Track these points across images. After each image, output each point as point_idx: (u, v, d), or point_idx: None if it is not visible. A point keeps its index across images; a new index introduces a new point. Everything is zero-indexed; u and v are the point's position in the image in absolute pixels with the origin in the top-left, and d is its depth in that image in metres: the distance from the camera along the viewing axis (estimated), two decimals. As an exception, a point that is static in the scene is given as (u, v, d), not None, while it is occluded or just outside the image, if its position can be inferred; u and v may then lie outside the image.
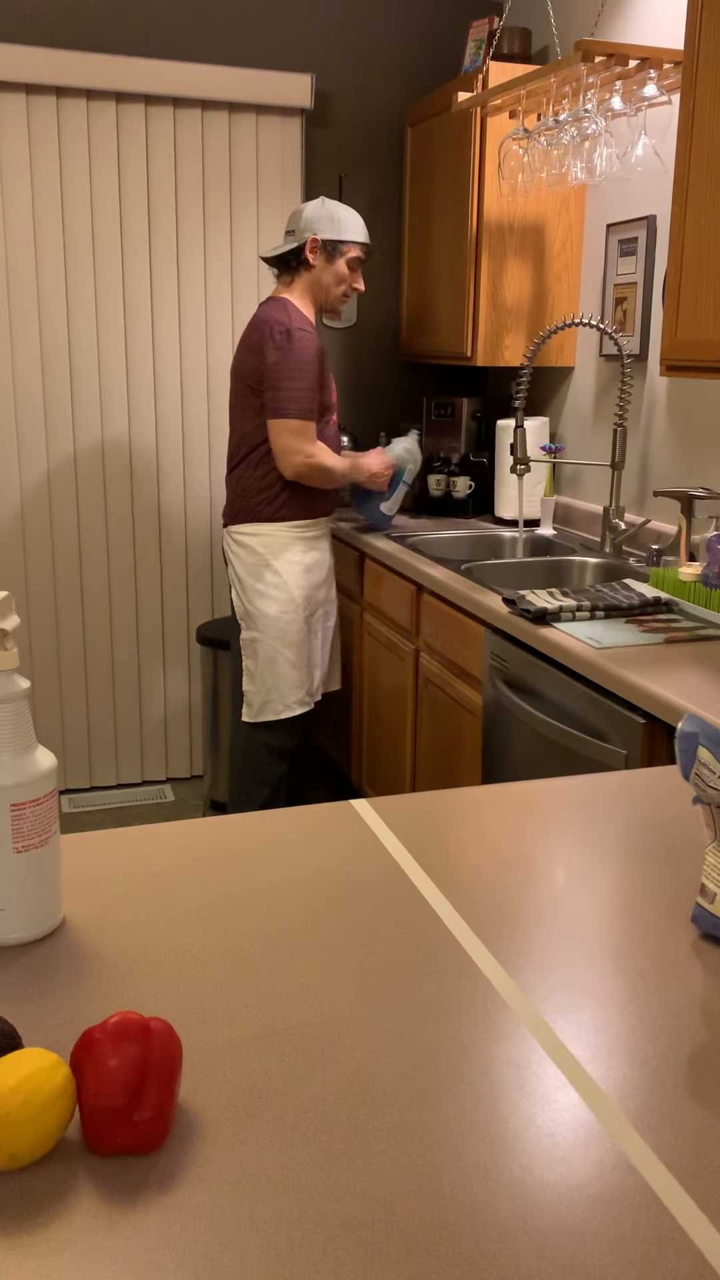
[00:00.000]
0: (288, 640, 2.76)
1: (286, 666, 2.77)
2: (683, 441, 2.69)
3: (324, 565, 2.84)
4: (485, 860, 1.10)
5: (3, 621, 0.88)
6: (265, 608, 2.76)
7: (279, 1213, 0.64)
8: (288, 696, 2.78)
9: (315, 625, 2.82)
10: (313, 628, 2.81)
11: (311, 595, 2.79)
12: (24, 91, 3.10)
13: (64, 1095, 0.67)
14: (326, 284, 2.71)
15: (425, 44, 3.48)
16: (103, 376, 3.34)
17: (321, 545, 2.83)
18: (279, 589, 2.74)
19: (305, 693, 2.81)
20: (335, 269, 2.69)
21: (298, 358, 2.60)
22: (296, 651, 2.77)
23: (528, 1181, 0.67)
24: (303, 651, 2.78)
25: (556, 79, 2.47)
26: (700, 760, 0.93)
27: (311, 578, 2.79)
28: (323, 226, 2.66)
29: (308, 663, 2.80)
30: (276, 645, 2.76)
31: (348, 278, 2.71)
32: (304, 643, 2.78)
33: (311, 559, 2.79)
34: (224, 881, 1.05)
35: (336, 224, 2.67)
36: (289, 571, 2.75)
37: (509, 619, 2.15)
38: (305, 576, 2.77)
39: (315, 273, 2.69)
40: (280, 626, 2.75)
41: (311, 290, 2.72)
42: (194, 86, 3.17)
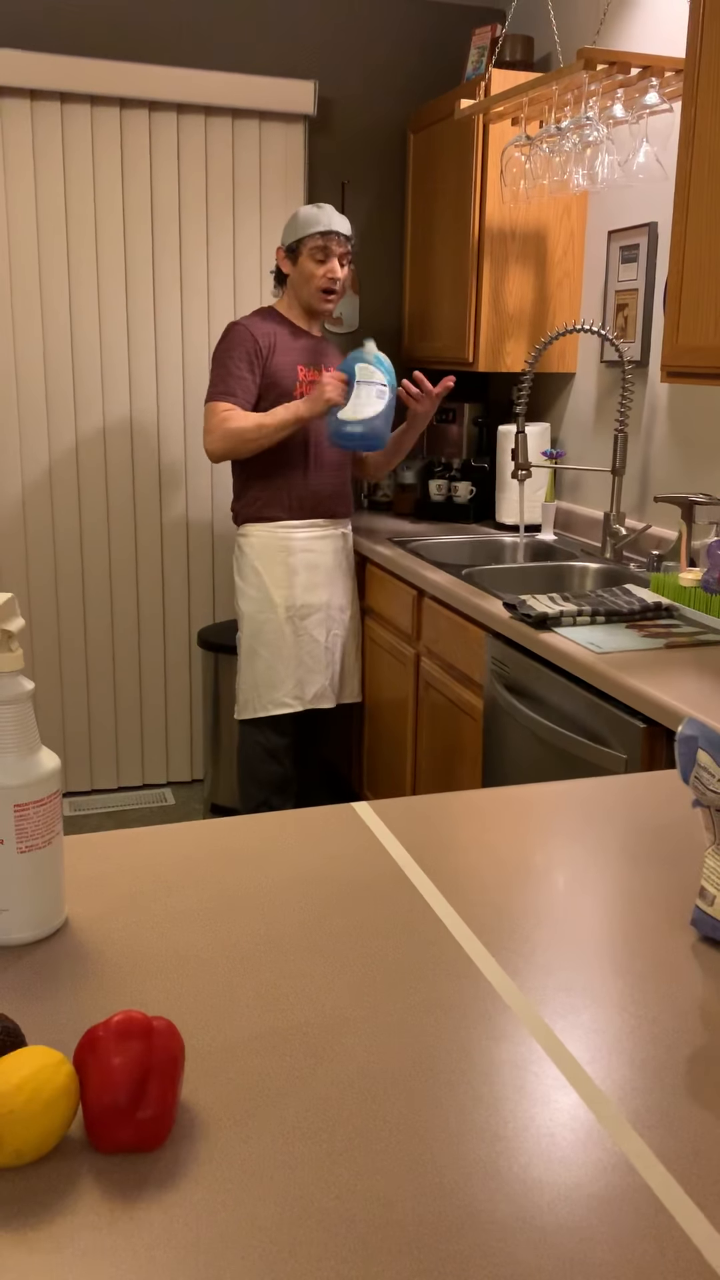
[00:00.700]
0: (263, 639, 2.77)
1: (262, 666, 2.78)
2: (683, 447, 2.70)
3: (320, 569, 2.79)
4: (486, 862, 1.11)
5: (7, 623, 0.89)
6: (244, 606, 2.80)
7: (280, 1211, 0.65)
8: (264, 695, 2.79)
9: (309, 629, 2.79)
10: (301, 630, 2.78)
11: (298, 598, 2.76)
12: (28, 97, 3.11)
13: (67, 1093, 0.68)
14: (298, 285, 2.73)
15: (428, 51, 3.49)
16: (105, 380, 3.35)
17: (320, 548, 2.79)
18: (257, 589, 2.76)
19: (286, 694, 2.79)
20: (300, 268, 2.70)
21: (221, 346, 2.68)
22: (273, 652, 2.77)
23: (527, 1181, 0.68)
24: (280, 652, 2.77)
25: (559, 87, 2.48)
26: (700, 764, 0.94)
27: (300, 580, 2.76)
28: (283, 236, 2.74)
29: (292, 664, 2.78)
30: (252, 643, 2.79)
31: (315, 271, 2.68)
32: (282, 644, 2.77)
33: (301, 561, 2.77)
34: (226, 882, 1.05)
35: (292, 226, 2.70)
36: (270, 572, 2.75)
37: (510, 624, 2.15)
38: (290, 579, 2.75)
39: (291, 278, 2.75)
40: (255, 625, 2.77)
41: (293, 294, 2.76)
42: (198, 93, 3.19)
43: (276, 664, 2.78)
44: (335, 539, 2.83)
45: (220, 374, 2.66)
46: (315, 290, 2.71)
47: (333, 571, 2.83)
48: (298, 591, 2.76)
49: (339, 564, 2.85)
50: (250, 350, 2.66)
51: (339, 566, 2.85)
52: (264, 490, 2.74)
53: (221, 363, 2.67)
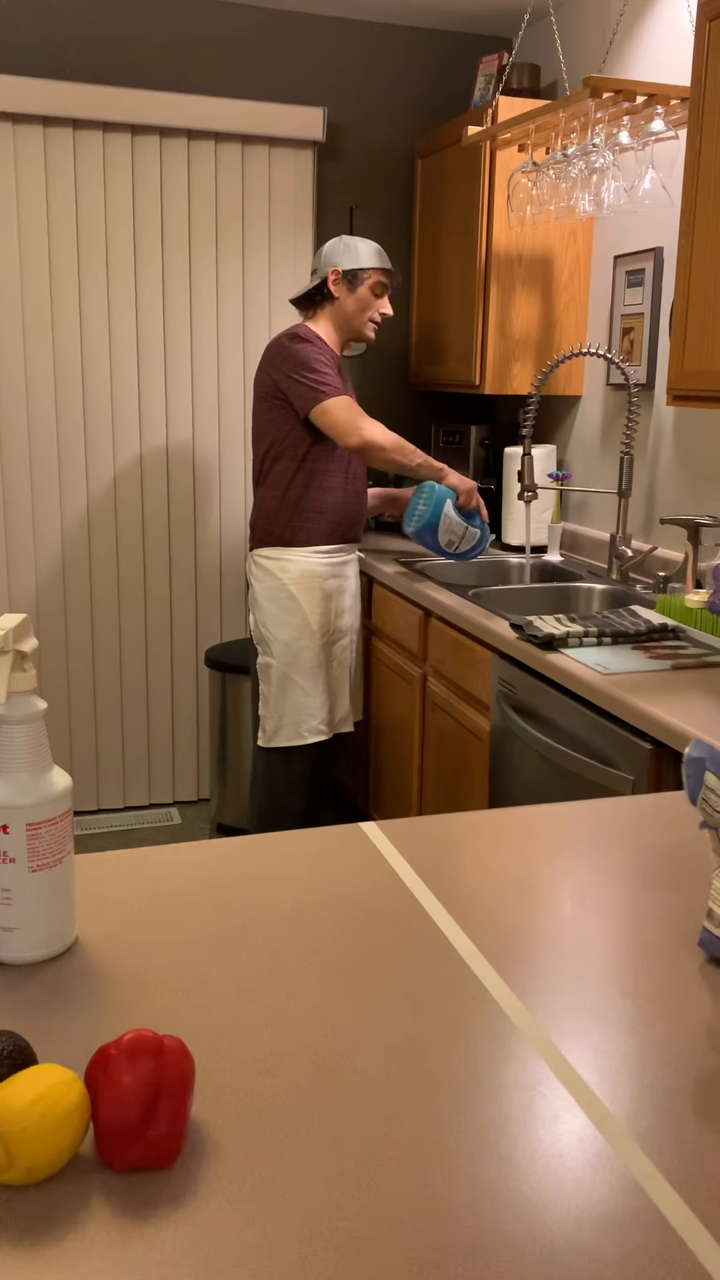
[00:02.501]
0: (299, 667, 2.73)
1: (299, 694, 2.74)
2: (689, 470, 2.71)
3: (347, 593, 2.81)
4: (493, 883, 1.11)
5: (21, 643, 0.90)
6: (279, 633, 2.74)
7: (290, 1230, 0.65)
8: (300, 724, 2.76)
9: (336, 654, 2.79)
10: (332, 656, 2.78)
11: (331, 623, 2.76)
12: (41, 124, 3.16)
13: (79, 1111, 0.68)
14: (350, 312, 2.74)
15: (436, 78, 3.53)
16: (115, 405, 3.38)
17: (346, 572, 2.81)
18: (294, 614, 2.72)
19: (320, 721, 2.78)
20: (358, 296, 2.73)
21: (310, 352, 2.64)
22: (309, 679, 2.74)
23: (536, 1201, 0.68)
24: (316, 680, 2.75)
25: (565, 114, 2.51)
26: (707, 785, 0.94)
27: (332, 605, 2.76)
28: (341, 259, 2.73)
29: (324, 691, 2.77)
30: (288, 672, 2.74)
31: (372, 303, 2.74)
32: (318, 671, 2.75)
33: (333, 586, 2.77)
34: (235, 903, 1.06)
35: (354, 254, 2.72)
36: (306, 598, 2.72)
37: (516, 644, 2.16)
38: (324, 604, 2.74)
39: (339, 304, 2.74)
40: (293, 653, 2.73)
41: (335, 320, 2.75)
42: (208, 119, 3.23)
43: (313, 692, 2.75)
44: (355, 563, 2.87)
45: (326, 375, 2.62)
46: (367, 321, 2.76)
47: (356, 595, 2.86)
48: (332, 618, 2.77)
49: (357, 588, 2.88)
50: (330, 359, 2.67)
51: (357, 591, 2.87)
52: (303, 515, 2.73)
53: (312, 366, 2.62)
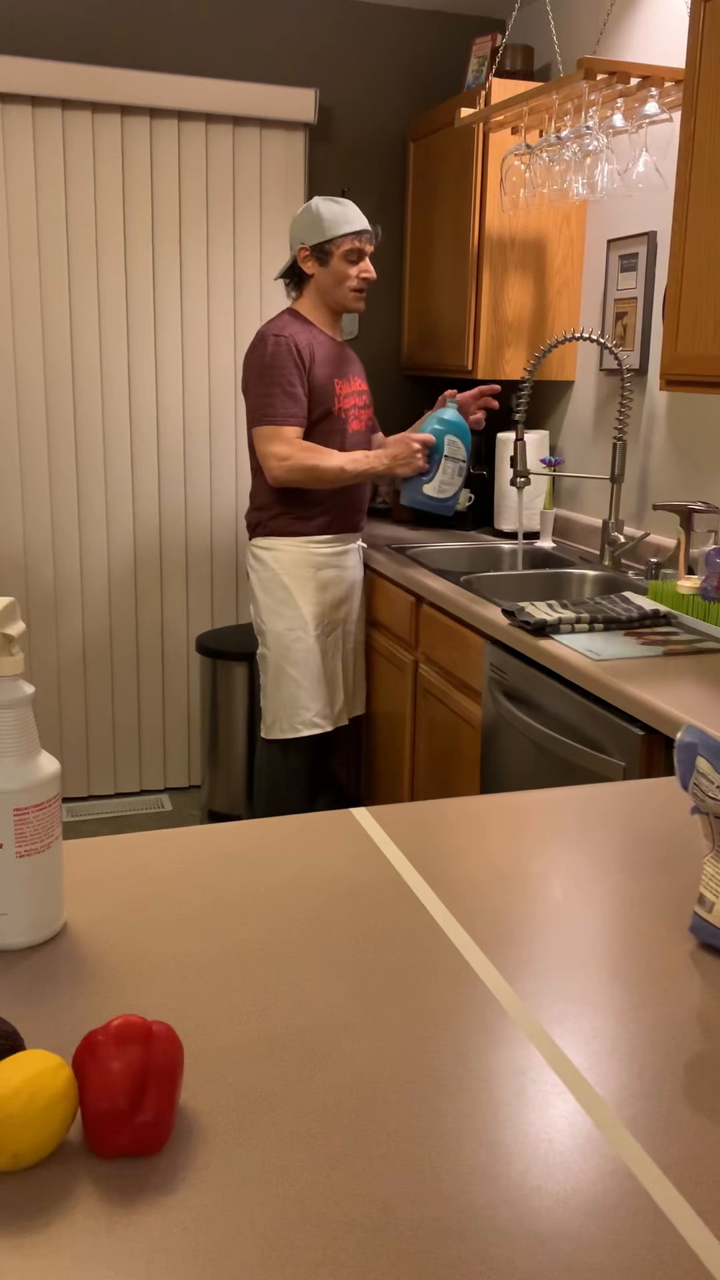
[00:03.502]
0: (293, 659, 2.69)
1: (292, 685, 2.70)
2: (682, 456, 2.71)
3: (344, 583, 2.75)
4: (484, 869, 1.11)
5: (8, 627, 0.89)
6: (273, 624, 2.70)
7: (279, 1215, 0.65)
8: (295, 716, 2.72)
9: (333, 645, 2.75)
10: (328, 648, 2.74)
11: (327, 615, 2.72)
12: (30, 104, 3.12)
13: (66, 1097, 0.68)
14: (328, 286, 2.63)
15: (428, 60, 3.51)
16: (105, 386, 3.36)
17: (343, 562, 2.75)
18: (287, 605, 2.68)
19: (316, 714, 2.73)
20: (332, 269, 2.60)
21: (266, 363, 2.55)
22: (303, 671, 2.70)
23: (525, 1186, 0.68)
24: (311, 671, 2.70)
25: (559, 96, 2.49)
26: (699, 770, 0.94)
27: (327, 596, 2.71)
28: (307, 233, 2.60)
29: (321, 682, 2.72)
30: (281, 663, 2.71)
31: (349, 272, 2.60)
32: (313, 662, 2.70)
33: (329, 576, 2.71)
34: (224, 888, 1.05)
35: (319, 225, 2.57)
36: (300, 589, 2.68)
37: (508, 631, 2.15)
38: (319, 594, 2.70)
39: (316, 279, 2.63)
40: (285, 644, 2.69)
41: (318, 296, 2.66)
42: (199, 100, 3.20)
43: (308, 684, 2.71)
44: (355, 552, 2.81)
45: (275, 392, 2.54)
46: (349, 291, 2.63)
47: (354, 586, 2.80)
48: (327, 609, 2.72)
49: (358, 579, 2.82)
50: (297, 364, 2.55)
51: (358, 581, 2.82)
52: (296, 505, 2.66)
53: (273, 378, 2.54)
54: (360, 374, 2.76)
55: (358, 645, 2.87)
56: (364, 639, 2.94)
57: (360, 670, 2.92)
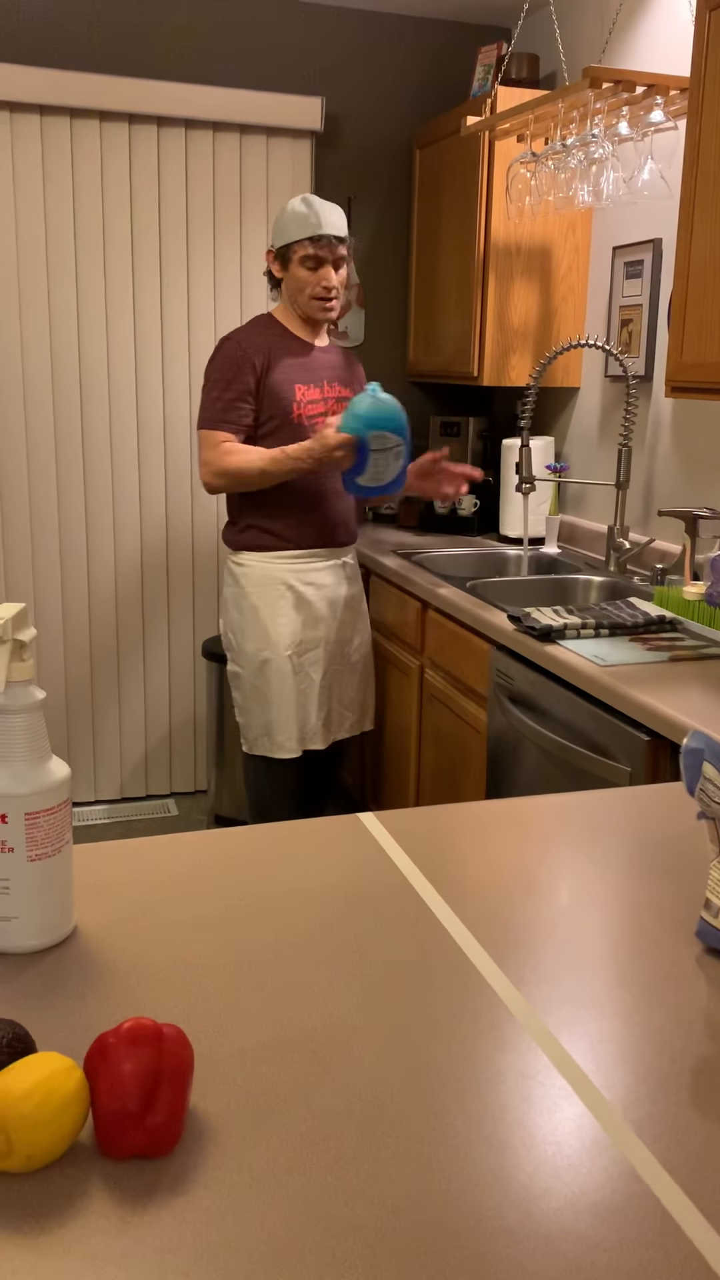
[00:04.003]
0: (266, 679, 2.55)
1: (265, 706, 2.56)
2: (687, 462, 2.71)
3: (323, 601, 2.56)
4: (491, 874, 1.11)
5: (20, 633, 0.90)
6: (244, 643, 2.56)
7: (288, 1216, 0.65)
8: (270, 737, 2.58)
9: (305, 667, 2.56)
10: (304, 667, 2.56)
11: (300, 635, 2.54)
12: (38, 113, 3.14)
13: (78, 1098, 0.68)
14: (292, 292, 2.48)
15: (434, 68, 3.52)
16: (112, 393, 3.37)
17: (320, 579, 2.56)
18: (256, 625, 2.54)
19: (289, 738, 2.56)
20: (292, 274, 2.45)
21: (210, 368, 2.46)
22: (277, 692, 2.54)
23: (533, 1189, 0.68)
24: (284, 693, 2.54)
25: (564, 104, 2.50)
26: (705, 776, 0.94)
27: (300, 616, 2.54)
28: (274, 234, 2.48)
29: (294, 705, 2.55)
30: (254, 683, 2.57)
31: (307, 280, 2.43)
32: (286, 684, 2.54)
33: (300, 595, 2.54)
34: (233, 892, 1.06)
35: (280, 227, 2.45)
36: (269, 608, 2.52)
37: (514, 636, 2.16)
38: (291, 613, 2.53)
39: (285, 283, 2.50)
40: (256, 664, 2.55)
41: (289, 300, 2.51)
42: (206, 108, 3.22)
43: (281, 706, 2.55)
44: (336, 569, 2.60)
45: (213, 397, 2.44)
46: (309, 299, 2.46)
47: (334, 604, 2.60)
48: (300, 629, 2.54)
49: (341, 596, 2.61)
50: (244, 369, 2.42)
51: (341, 599, 2.61)
52: (263, 517, 2.52)
53: (214, 383, 2.45)
54: (342, 381, 2.57)
55: (352, 664, 2.67)
56: (369, 656, 2.75)
57: (364, 688, 2.74)
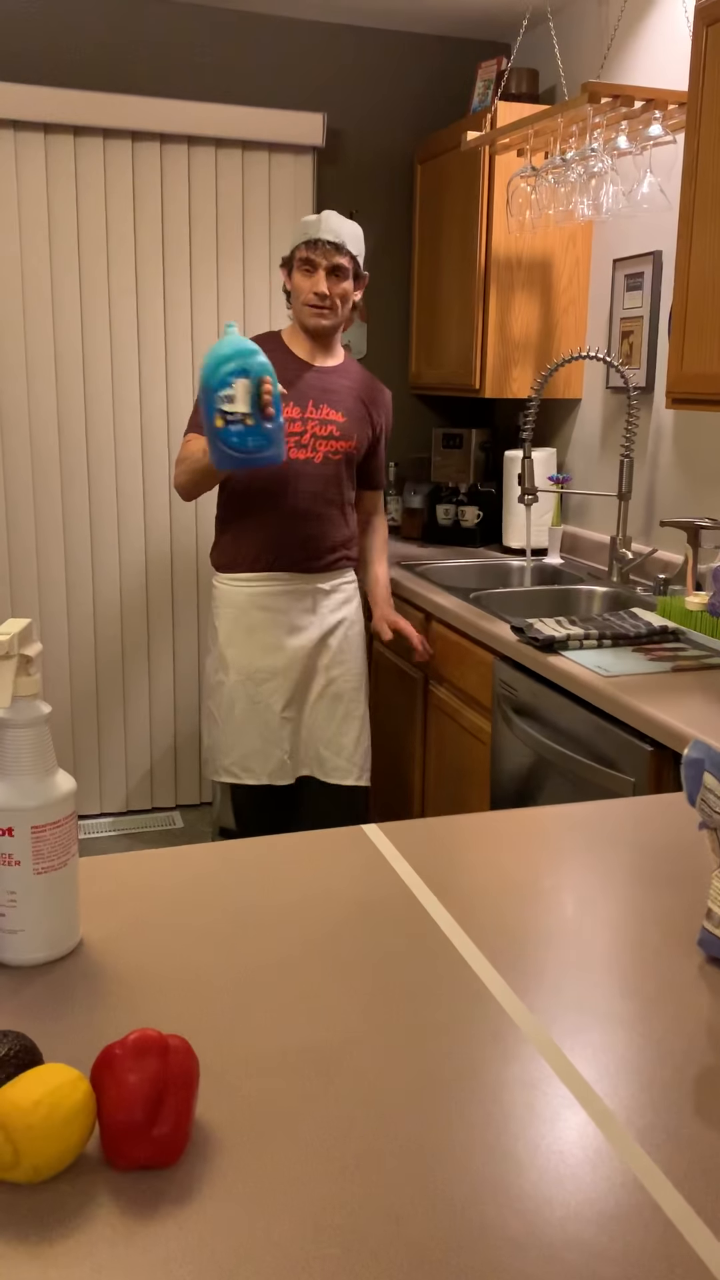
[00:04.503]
0: (216, 700, 2.49)
1: (212, 727, 2.51)
2: (689, 473, 2.72)
3: (283, 628, 2.43)
4: (494, 884, 1.12)
5: (26, 648, 0.91)
6: (206, 662, 2.57)
7: (293, 1226, 0.66)
8: (217, 760, 2.50)
9: (273, 696, 2.44)
10: (262, 698, 2.44)
11: (253, 662, 2.43)
12: (42, 131, 3.17)
13: (85, 1110, 0.69)
14: (295, 303, 2.42)
15: (435, 84, 3.55)
16: (117, 408, 3.39)
17: (280, 604, 2.43)
18: (215, 643, 2.50)
19: (233, 762, 2.47)
20: (293, 282, 2.41)
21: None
22: (223, 715, 2.47)
23: (537, 1198, 0.69)
24: (230, 718, 2.45)
25: (564, 119, 2.52)
26: (706, 786, 0.95)
27: (254, 641, 2.43)
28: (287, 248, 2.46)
29: (243, 733, 2.45)
30: (209, 703, 2.53)
31: (301, 284, 2.38)
32: (234, 710, 2.45)
33: (259, 620, 2.43)
34: (237, 904, 1.06)
35: (290, 238, 2.42)
36: (227, 629, 2.46)
37: (517, 647, 2.17)
38: (244, 638, 2.44)
39: (291, 295, 2.45)
40: (211, 685, 2.52)
41: (294, 313, 2.46)
42: (208, 125, 3.24)
43: (225, 729, 2.47)
44: (304, 595, 2.44)
45: (195, 404, 2.31)
46: (303, 306, 2.39)
47: (300, 633, 2.45)
48: (255, 655, 2.43)
49: (310, 625, 2.46)
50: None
51: (312, 628, 2.46)
52: (231, 538, 2.46)
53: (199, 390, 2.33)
54: (335, 406, 2.43)
55: (331, 697, 2.50)
56: (357, 696, 2.54)
57: (339, 728, 2.52)
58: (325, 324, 2.41)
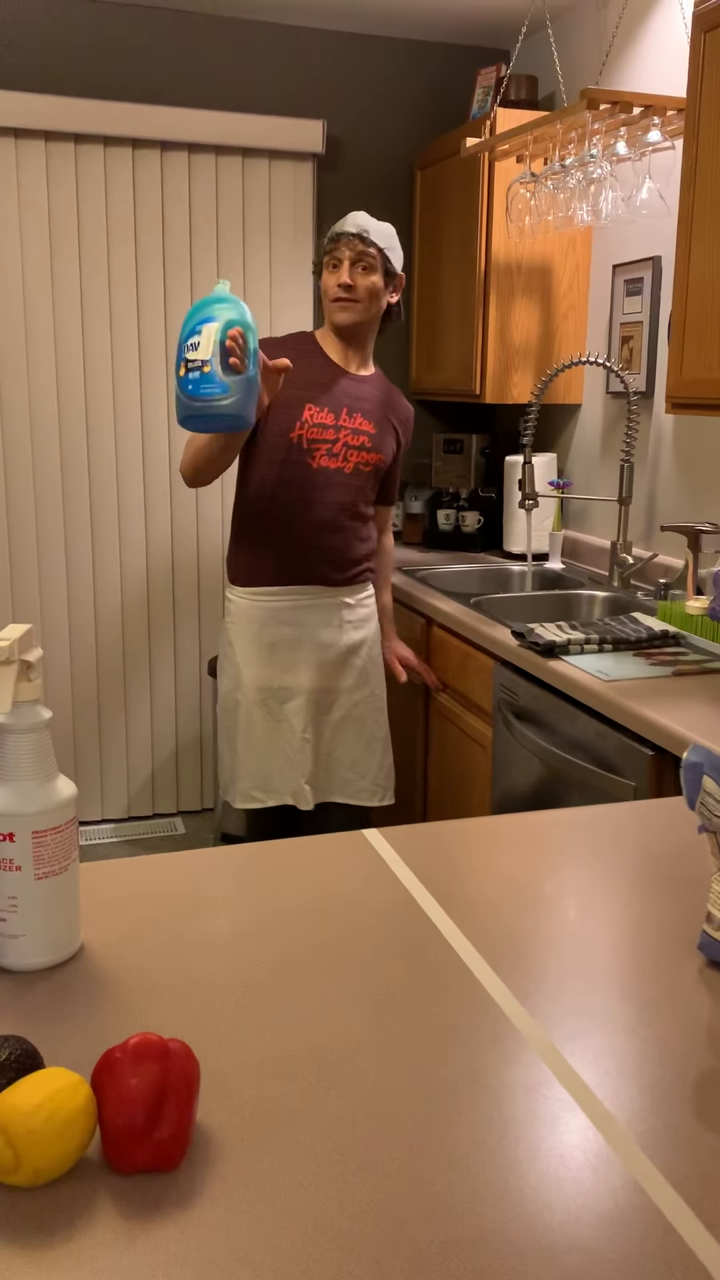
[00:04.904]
0: (234, 721, 2.38)
1: (232, 749, 2.39)
2: (689, 477, 2.73)
3: (302, 644, 2.33)
4: (495, 889, 1.12)
5: (26, 653, 0.91)
6: (220, 681, 2.43)
7: (294, 1230, 0.66)
8: (238, 784, 2.39)
9: (294, 716, 2.34)
10: (285, 717, 2.34)
11: (273, 679, 2.33)
12: (43, 139, 3.18)
13: (86, 1113, 0.69)
14: (324, 306, 2.34)
15: (434, 90, 3.56)
16: (118, 415, 3.40)
17: (301, 619, 2.33)
18: (229, 662, 2.38)
19: (252, 786, 2.36)
20: (322, 283, 2.33)
21: None
22: (243, 737, 2.36)
23: (538, 1202, 0.69)
24: (250, 740, 2.35)
25: (562, 125, 2.53)
26: (705, 790, 0.95)
27: (275, 657, 2.33)
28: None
29: (257, 754, 2.35)
30: (227, 722, 2.40)
31: (328, 282, 2.30)
32: (252, 730, 2.35)
33: (276, 635, 2.32)
34: (238, 909, 1.07)
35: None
36: (243, 646, 2.35)
37: (518, 652, 2.17)
38: (263, 655, 2.33)
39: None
40: (228, 705, 2.40)
41: (326, 318, 2.37)
42: (208, 133, 3.25)
43: (245, 752, 2.36)
44: (326, 610, 2.34)
45: None
46: (329, 302, 2.30)
47: (322, 650, 2.35)
48: (274, 672, 2.33)
49: (332, 642, 2.35)
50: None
51: (333, 645, 2.36)
52: (251, 549, 2.34)
53: None
54: (367, 416, 2.34)
55: (353, 718, 2.41)
56: (379, 717, 2.46)
57: (365, 750, 2.43)
58: (349, 318, 2.28)
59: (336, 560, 2.34)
